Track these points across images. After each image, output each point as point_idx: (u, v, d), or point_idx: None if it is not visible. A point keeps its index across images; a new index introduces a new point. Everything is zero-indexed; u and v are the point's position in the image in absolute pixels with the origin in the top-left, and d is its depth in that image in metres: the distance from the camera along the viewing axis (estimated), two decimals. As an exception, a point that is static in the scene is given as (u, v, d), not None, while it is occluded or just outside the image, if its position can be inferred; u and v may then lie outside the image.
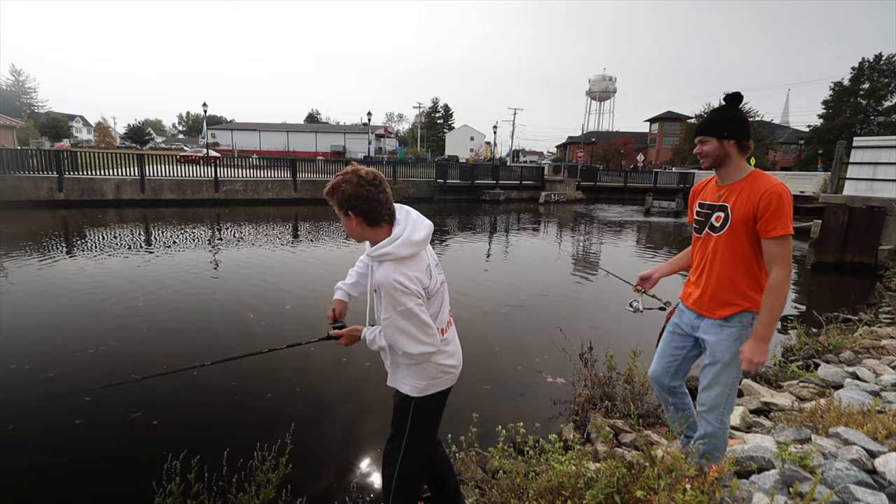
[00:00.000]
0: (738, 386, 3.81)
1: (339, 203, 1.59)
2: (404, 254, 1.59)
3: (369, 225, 1.62)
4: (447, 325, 1.81)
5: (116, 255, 9.23)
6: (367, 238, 1.66)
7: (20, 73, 58.06)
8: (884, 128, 35.93)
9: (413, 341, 1.61)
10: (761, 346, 1.88)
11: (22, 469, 2.97)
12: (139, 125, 75.09)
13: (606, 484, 1.80)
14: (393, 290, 1.55)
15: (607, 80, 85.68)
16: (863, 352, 4.56)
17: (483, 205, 24.66)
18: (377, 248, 1.60)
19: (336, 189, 1.59)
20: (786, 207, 1.84)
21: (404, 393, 1.79)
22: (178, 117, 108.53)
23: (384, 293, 1.58)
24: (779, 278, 1.85)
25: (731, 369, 2.03)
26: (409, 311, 1.58)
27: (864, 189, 9.62)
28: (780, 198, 1.84)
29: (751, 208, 1.89)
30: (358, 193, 1.56)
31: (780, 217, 1.83)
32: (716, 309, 2.05)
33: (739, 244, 1.96)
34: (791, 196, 1.89)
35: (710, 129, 1.98)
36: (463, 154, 63.57)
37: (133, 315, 5.70)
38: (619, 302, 7.05)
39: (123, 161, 19.25)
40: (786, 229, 1.84)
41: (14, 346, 4.73)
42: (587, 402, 3.65)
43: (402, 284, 1.56)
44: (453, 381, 1.86)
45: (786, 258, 1.85)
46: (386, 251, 1.58)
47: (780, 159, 50.18)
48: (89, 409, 3.60)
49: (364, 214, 1.60)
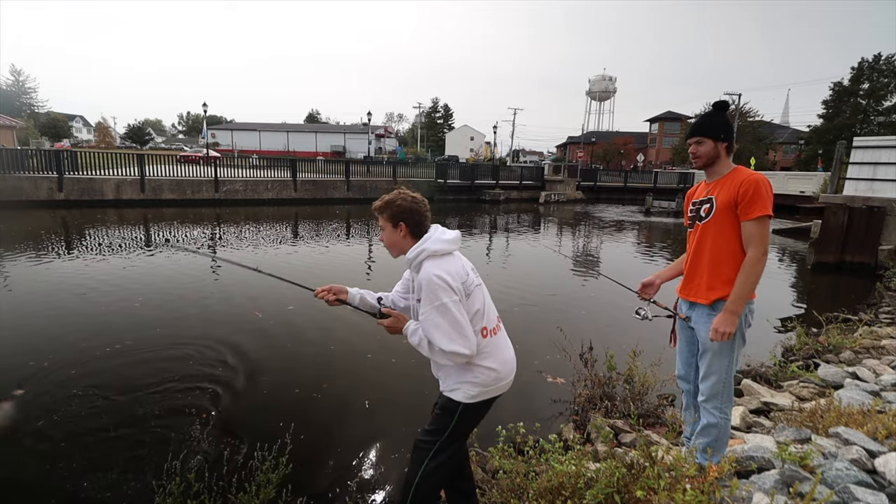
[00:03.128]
0: (737, 386, 3.85)
1: (392, 215, 1.82)
2: (437, 248, 1.77)
3: (414, 236, 1.83)
4: (496, 328, 1.90)
5: (117, 256, 9.23)
6: (406, 249, 1.83)
7: (20, 73, 58.18)
8: (884, 128, 35.96)
9: (446, 338, 1.69)
10: (728, 317, 2.02)
11: (22, 469, 2.97)
12: (139, 125, 75.10)
13: (606, 484, 1.80)
14: (431, 283, 1.69)
15: (607, 80, 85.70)
16: (863, 352, 4.56)
17: (483, 205, 24.66)
18: (414, 249, 1.78)
19: (391, 203, 1.82)
20: (762, 192, 1.99)
21: (457, 400, 1.83)
22: (178, 117, 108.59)
23: (424, 288, 1.71)
24: (753, 257, 2.01)
25: (722, 357, 2.13)
26: (444, 307, 1.68)
27: (864, 189, 9.61)
28: (757, 184, 2.00)
29: (732, 195, 2.05)
30: (412, 208, 1.82)
31: (757, 200, 1.99)
32: (702, 292, 2.18)
33: (723, 231, 2.11)
34: (769, 184, 2.04)
35: (707, 130, 2.15)
36: (463, 154, 63.59)
37: (133, 314, 5.71)
38: (619, 302, 7.05)
39: (123, 161, 19.26)
40: (763, 210, 1.99)
41: (27, 341, 4.73)
42: (587, 402, 3.65)
43: (440, 278, 1.69)
44: (504, 388, 1.89)
45: (762, 239, 2.00)
46: (422, 248, 1.78)
47: (780, 159, 50.20)
48: (90, 409, 3.60)
49: (414, 226, 1.82)
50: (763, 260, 2.00)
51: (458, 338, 1.69)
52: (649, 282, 2.51)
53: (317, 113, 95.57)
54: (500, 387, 1.86)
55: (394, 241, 1.85)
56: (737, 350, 2.13)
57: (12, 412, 3.54)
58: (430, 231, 1.84)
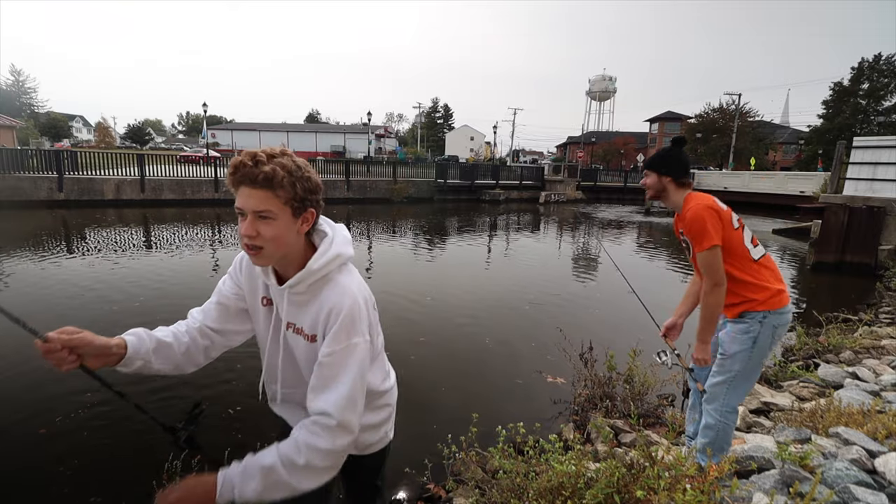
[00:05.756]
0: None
1: (295, 195, 1.09)
2: (351, 253, 1.22)
3: (314, 233, 1.22)
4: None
5: (120, 256, 9.23)
6: (300, 252, 1.17)
7: (20, 73, 58.10)
8: (884, 128, 35.94)
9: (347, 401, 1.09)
10: (699, 346, 2.18)
11: (21, 469, 2.97)
12: (139, 125, 75.13)
13: (606, 484, 1.80)
14: (354, 310, 1.12)
15: (607, 80, 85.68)
16: (863, 352, 4.56)
17: (483, 205, 24.65)
18: (325, 255, 1.15)
19: (292, 172, 1.09)
20: (698, 226, 2.04)
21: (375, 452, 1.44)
22: (178, 117, 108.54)
23: (341, 317, 1.10)
24: (704, 291, 2.10)
25: (733, 361, 2.14)
26: (356, 349, 1.12)
27: (864, 189, 9.62)
28: (693, 219, 2.06)
29: (687, 232, 2.13)
30: (319, 185, 1.17)
31: (696, 235, 2.06)
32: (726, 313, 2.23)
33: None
34: (708, 212, 2.05)
35: (651, 165, 2.26)
36: (463, 154, 63.57)
37: (135, 313, 5.71)
38: (619, 301, 7.06)
39: (123, 161, 19.25)
40: (701, 246, 2.05)
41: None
42: (587, 402, 3.65)
43: (365, 303, 1.17)
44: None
45: (708, 271, 2.06)
46: (337, 252, 1.17)
47: (780, 159, 50.19)
48: (89, 408, 3.60)
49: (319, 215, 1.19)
50: (716, 291, 2.06)
51: (359, 403, 1.13)
52: (672, 323, 2.50)
53: (317, 113, 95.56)
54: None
55: (285, 239, 1.10)
56: (752, 360, 2.12)
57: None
58: (327, 225, 1.23)
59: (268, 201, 1.06)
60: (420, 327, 5.67)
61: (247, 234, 1.07)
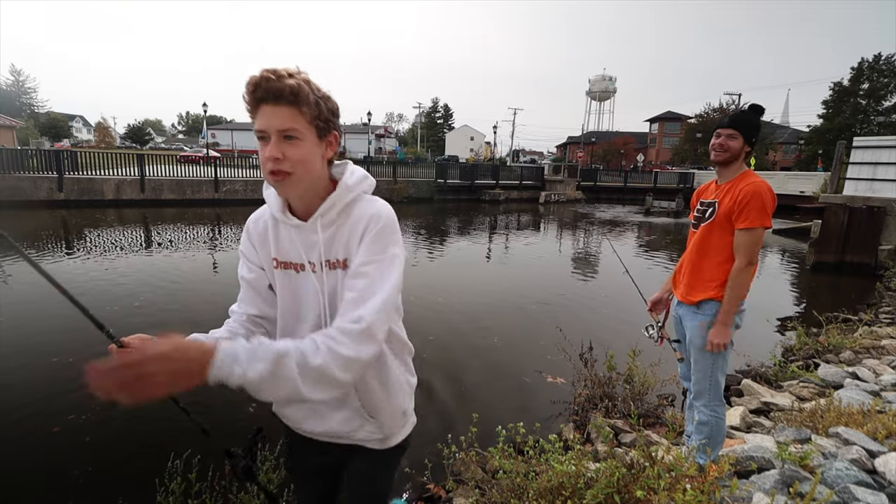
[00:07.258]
0: (736, 386, 3.85)
1: (320, 114, 1.02)
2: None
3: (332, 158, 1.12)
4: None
5: (122, 256, 9.23)
6: (326, 176, 1.10)
7: (20, 73, 58.13)
8: (884, 128, 35.94)
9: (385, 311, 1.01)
10: (720, 329, 2.06)
11: (20, 469, 2.97)
12: (139, 125, 75.16)
13: (606, 484, 1.80)
14: (390, 221, 1.07)
15: (607, 80, 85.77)
16: (863, 352, 4.56)
17: (483, 205, 24.64)
18: (353, 174, 1.12)
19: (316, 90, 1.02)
20: (759, 202, 1.96)
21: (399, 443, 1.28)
22: (178, 117, 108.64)
23: (377, 230, 1.04)
24: (737, 267, 2.02)
25: (705, 355, 2.15)
26: (398, 260, 1.06)
27: (864, 189, 9.62)
28: (755, 194, 1.97)
29: (733, 203, 2.04)
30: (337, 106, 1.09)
31: (752, 210, 1.97)
32: (690, 293, 2.20)
33: (718, 236, 2.11)
34: (771, 193, 2.00)
35: (744, 128, 2.08)
36: (463, 154, 63.58)
37: (135, 313, 5.71)
38: (619, 302, 7.05)
39: (123, 161, 19.22)
40: (752, 223, 1.97)
41: (25, 335, 4.73)
42: (587, 402, 3.65)
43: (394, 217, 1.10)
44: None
45: (748, 249, 1.99)
46: (364, 173, 1.14)
47: (780, 159, 50.22)
48: (89, 407, 3.60)
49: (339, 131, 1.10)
50: (748, 270, 2.00)
51: (392, 315, 1.08)
52: (658, 298, 2.52)
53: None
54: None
55: (313, 163, 1.02)
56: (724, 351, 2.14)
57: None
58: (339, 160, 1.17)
59: (294, 119, 0.97)
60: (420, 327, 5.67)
61: (272, 157, 0.97)
